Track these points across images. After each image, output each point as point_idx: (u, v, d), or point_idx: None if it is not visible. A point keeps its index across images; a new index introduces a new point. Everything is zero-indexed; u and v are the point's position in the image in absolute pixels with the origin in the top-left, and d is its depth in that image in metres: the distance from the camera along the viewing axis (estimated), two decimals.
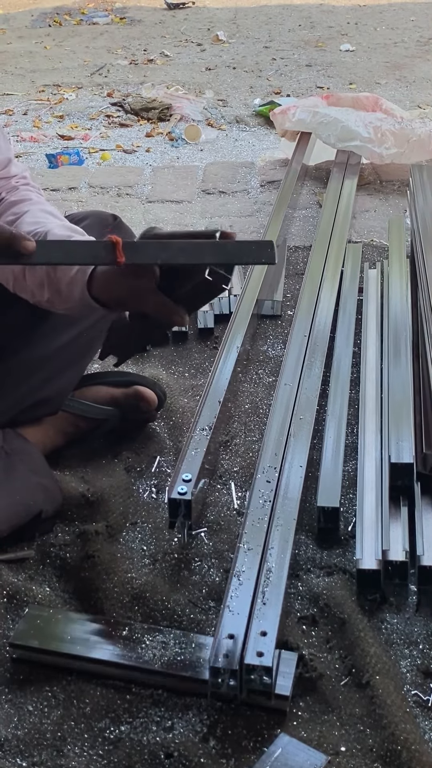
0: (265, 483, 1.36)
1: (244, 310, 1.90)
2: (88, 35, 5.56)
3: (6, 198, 1.34)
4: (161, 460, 1.53)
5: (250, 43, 5.19)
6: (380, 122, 2.92)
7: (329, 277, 2.06)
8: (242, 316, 1.87)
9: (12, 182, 1.36)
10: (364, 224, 2.59)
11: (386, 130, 2.89)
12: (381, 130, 2.88)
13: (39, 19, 6.15)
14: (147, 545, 1.34)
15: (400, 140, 2.87)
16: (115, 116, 3.79)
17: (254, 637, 1.06)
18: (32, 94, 4.18)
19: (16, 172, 1.38)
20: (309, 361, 1.71)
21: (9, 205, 1.32)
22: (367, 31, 5.42)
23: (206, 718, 1.05)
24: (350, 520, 1.36)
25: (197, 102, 3.88)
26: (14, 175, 1.37)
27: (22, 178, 1.38)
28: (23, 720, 1.06)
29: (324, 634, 1.16)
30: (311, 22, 5.73)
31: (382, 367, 1.67)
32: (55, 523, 1.36)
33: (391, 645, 1.15)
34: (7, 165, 1.37)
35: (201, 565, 1.30)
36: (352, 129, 2.87)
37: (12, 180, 1.37)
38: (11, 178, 1.37)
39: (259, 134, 3.53)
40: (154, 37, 5.44)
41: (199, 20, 5.92)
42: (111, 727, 1.04)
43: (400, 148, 2.86)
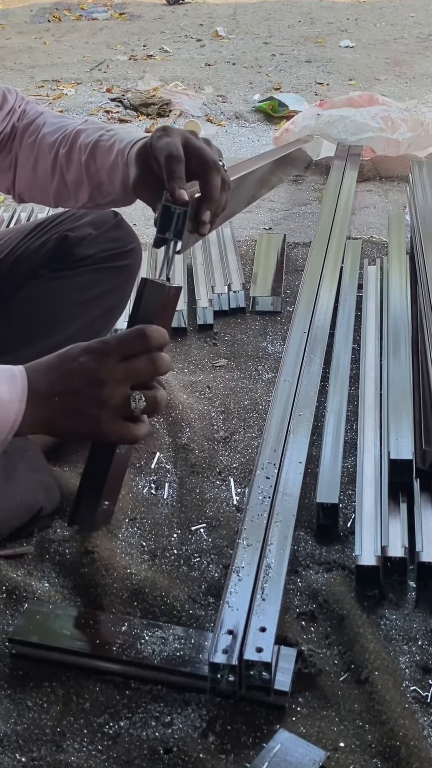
0: (264, 479, 1.36)
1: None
2: (88, 31, 5.55)
3: (18, 125, 1.34)
4: (160, 456, 1.53)
5: (249, 39, 5.19)
6: (386, 112, 2.93)
7: (329, 273, 2.06)
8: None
9: (16, 109, 1.36)
10: (364, 220, 2.59)
11: (396, 117, 2.89)
12: (390, 118, 2.89)
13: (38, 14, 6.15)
14: (146, 541, 1.34)
15: (413, 125, 2.88)
16: (115, 112, 3.79)
17: (253, 633, 1.06)
18: (31, 89, 4.18)
19: (13, 98, 1.37)
20: (308, 358, 1.71)
21: (25, 127, 1.33)
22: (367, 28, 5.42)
23: (205, 713, 1.05)
24: (349, 517, 1.37)
25: (197, 98, 3.88)
26: (14, 103, 1.37)
27: (21, 100, 1.38)
28: (22, 715, 1.06)
29: (323, 630, 1.17)
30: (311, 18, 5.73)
31: (382, 364, 1.67)
32: (54, 519, 1.36)
33: (390, 641, 1.15)
34: (3, 100, 1.36)
35: (200, 561, 1.30)
36: (361, 122, 2.87)
37: (15, 107, 1.36)
38: (13, 106, 1.36)
39: (259, 130, 3.53)
40: (154, 33, 5.44)
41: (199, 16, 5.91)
42: (110, 722, 1.05)
43: (415, 132, 2.86)
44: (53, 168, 1.26)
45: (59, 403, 1.02)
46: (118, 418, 1.04)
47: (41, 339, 1.45)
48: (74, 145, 1.24)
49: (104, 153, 1.19)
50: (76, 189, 1.25)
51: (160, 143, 1.06)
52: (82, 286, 1.47)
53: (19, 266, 1.49)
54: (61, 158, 1.25)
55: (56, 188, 1.27)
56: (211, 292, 2.08)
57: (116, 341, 1.03)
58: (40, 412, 1.02)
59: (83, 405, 1.02)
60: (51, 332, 1.45)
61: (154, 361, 1.04)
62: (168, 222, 1.04)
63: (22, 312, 1.46)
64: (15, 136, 1.33)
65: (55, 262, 1.48)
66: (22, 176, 1.32)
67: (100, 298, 1.48)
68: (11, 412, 1.00)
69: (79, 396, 1.02)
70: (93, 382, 1.01)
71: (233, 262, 2.21)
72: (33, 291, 1.48)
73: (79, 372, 1.02)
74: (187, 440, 1.56)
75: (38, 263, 1.48)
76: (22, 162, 1.31)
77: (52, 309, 1.46)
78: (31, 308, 1.46)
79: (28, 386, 1.01)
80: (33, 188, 1.32)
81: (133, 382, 1.04)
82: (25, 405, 1.01)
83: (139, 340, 1.03)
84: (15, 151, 1.33)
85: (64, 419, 1.04)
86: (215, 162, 1.08)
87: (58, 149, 1.26)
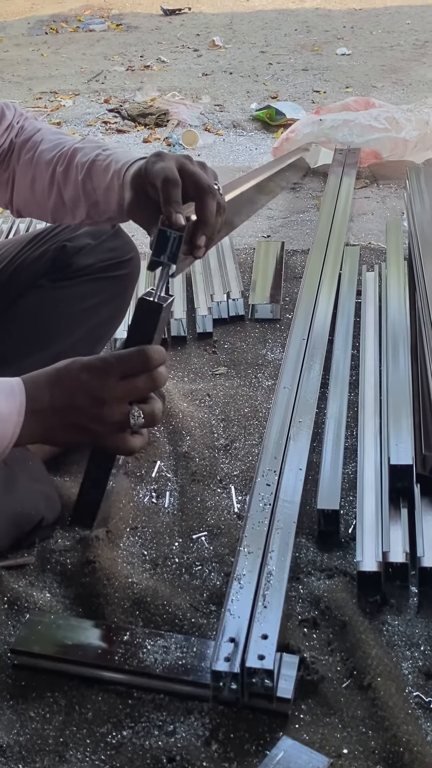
0: (265, 486, 1.36)
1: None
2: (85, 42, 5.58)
3: (16, 141, 1.34)
4: (161, 464, 1.53)
5: (246, 48, 5.21)
6: (388, 113, 2.94)
7: (327, 280, 2.06)
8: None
9: (14, 125, 1.36)
10: (362, 227, 2.59)
11: (400, 117, 2.90)
12: (394, 119, 2.90)
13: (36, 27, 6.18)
14: (148, 550, 1.34)
15: (418, 124, 2.89)
16: (113, 122, 3.80)
17: (255, 641, 1.06)
18: (29, 101, 4.19)
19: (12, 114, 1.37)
20: (308, 364, 1.71)
21: (22, 143, 1.33)
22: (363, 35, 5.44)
23: (208, 721, 1.05)
24: (350, 523, 1.37)
25: (194, 107, 3.89)
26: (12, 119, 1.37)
27: (20, 116, 1.38)
28: (25, 726, 1.06)
29: (325, 636, 1.16)
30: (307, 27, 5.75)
31: (381, 370, 1.67)
32: (55, 529, 1.36)
33: (393, 647, 1.15)
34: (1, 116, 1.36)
35: (202, 569, 1.30)
36: (365, 124, 2.88)
37: (14, 123, 1.36)
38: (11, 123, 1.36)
39: (256, 139, 3.54)
40: (151, 44, 5.46)
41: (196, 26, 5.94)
42: (113, 732, 1.04)
43: (422, 130, 2.87)
44: (51, 185, 1.27)
45: (58, 418, 1.03)
46: (117, 432, 1.05)
47: (41, 348, 1.45)
48: (71, 164, 1.24)
49: (100, 173, 1.19)
50: (74, 207, 1.25)
51: (155, 168, 1.07)
52: (81, 295, 1.48)
53: (18, 276, 1.49)
54: (59, 176, 1.25)
55: (54, 205, 1.28)
56: (210, 300, 2.08)
57: (118, 361, 1.05)
58: (38, 424, 1.03)
59: (83, 421, 1.04)
60: (51, 342, 1.46)
61: (153, 379, 1.06)
62: (163, 246, 1.05)
63: (21, 322, 1.46)
64: (13, 152, 1.34)
65: (54, 272, 1.49)
66: (20, 192, 1.33)
67: (100, 308, 1.48)
68: (9, 425, 1.00)
69: (79, 412, 1.03)
70: (94, 400, 1.03)
71: (232, 270, 2.22)
72: (32, 301, 1.48)
73: (80, 390, 1.03)
74: (187, 448, 1.56)
75: (37, 273, 1.48)
76: (19, 178, 1.32)
77: (52, 318, 1.47)
78: (31, 318, 1.47)
79: (27, 399, 1.02)
80: (31, 204, 1.33)
81: (132, 399, 1.05)
82: (24, 418, 1.01)
83: (140, 361, 1.05)
84: (13, 167, 1.33)
85: (62, 433, 1.05)
86: (210, 186, 1.08)
87: (56, 167, 1.26)
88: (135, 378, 1.04)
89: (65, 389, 1.03)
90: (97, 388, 1.03)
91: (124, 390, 1.04)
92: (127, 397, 1.04)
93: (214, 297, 2.09)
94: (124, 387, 1.04)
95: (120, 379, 1.03)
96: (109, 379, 1.03)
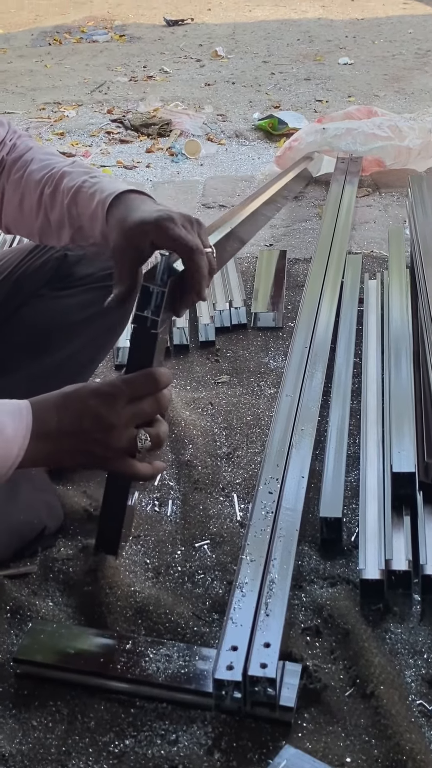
0: (267, 494, 1.36)
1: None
2: (88, 53, 5.60)
3: (7, 159, 1.34)
4: (163, 472, 1.53)
5: (248, 58, 5.23)
6: (391, 122, 2.95)
7: (329, 288, 2.07)
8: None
9: (6, 142, 1.35)
10: (364, 235, 2.60)
11: (402, 126, 2.91)
12: (397, 127, 2.91)
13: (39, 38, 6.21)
14: (150, 558, 1.34)
15: (421, 132, 2.90)
16: (116, 133, 3.81)
17: (258, 649, 1.06)
18: (33, 112, 4.21)
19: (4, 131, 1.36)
20: (310, 372, 1.71)
21: (13, 162, 1.32)
22: (366, 45, 5.46)
23: (211, 730, 1.05)
24: (353, 531, 1.36)
25: (197, 117, 3.91)
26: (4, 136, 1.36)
27: (13, 133, 1.37)
28: (27, 735, 1.05)
29: (328, 644, 1.16)
30: (309, 37, 5.77)
31: (383, 377, 1.67)
32: (58, 538, 1.36)
33: (396, 655, 1.14)
34: None
35: (204, 577, 1.29)
36: (369, 133, 2.89)
37: (6, 140, 1.35)
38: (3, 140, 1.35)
39: (259, 148, 3.55)
40: (154, 54, 5.48)
41: (198, 36, 5.96)
42: (115, 740, 1.04)
43: (425, 138, 2.88)
44: (38, 206, 1.26)
45: (65, 442, 1.04)
46: (124, 456, 1.07)
47: (43, 357, 1.46)
48: (59, 187, 1.24)
49: (85, 200, 1.19)
50: (59, 229, 1.25)
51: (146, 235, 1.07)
52: (83, 304, 1.48)
53: (20, 286, 1.50)
54: (46, 198, 1.25)
55: (40, 226, 1.28)
56: (213, 308, 2.09)
57: (126, 385, 1.06)
58: (44, 448, 1.03)
59: (90, 446, 1.05)
60: (53, 350, 1.46)
61: (159, 401, 1.07)
62: (147, 301, 1.07)
63: (24, 331, 1.47)
64: (3, 169, 1.33)
65: (55, 282, 1.49)
66: (8, 210, 1.33)
67: (101, 316, 1.48)
68: (14, 447, 1.01)
69: (87, 438, 1.04)
70: (102, 426, 1.04)
71: (234, 279, 2.22)
72: (34, 310, 1.49)
73: (89, 415, 1.04)
74: (190, 457, 1.56)
75: (39, 283, 1.49)
76: (8, 196, 1.32)
77: (54, 327, 1.47)
78: (33, 327, 1.47)
79: (33, 422, 1.03)
80: (19, 223, 1.33)
81: (138, 423, 1.06)
82: (29, 441, 1.01)
83: (148, 383, 1.06)
84: (2, 184, 1.33)
85: (68, 457, 1.07)
86: (198, 248, 1.07)
87: (44, 188, 1.26)
88: (142, 401, 1.06)
89: (73, 413, 1.04)
90: (105, 413, 1.04)
91: (132, 414, 1.05)
92: (134, 421, 1.06)
93: (216, 306, 2.09)
94: (131, 411, 1.05)
95: (127, 403, 1.04)
96: (117, 403, 1.04)
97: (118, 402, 1.04)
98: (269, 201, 2.30)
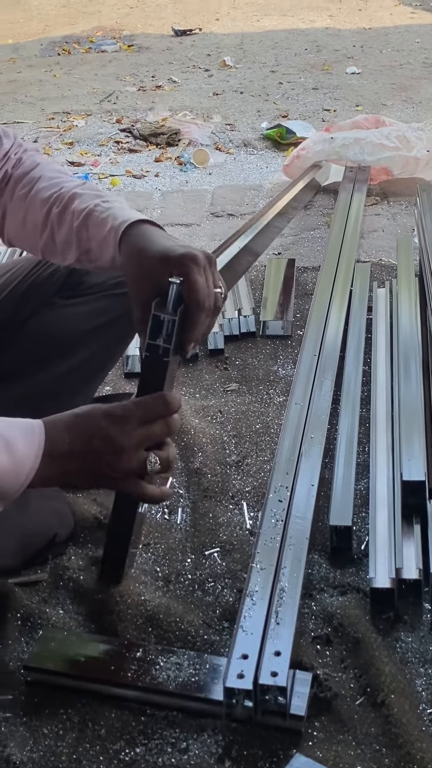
0: (277, 502, 1.36)
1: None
2: (97, 63, 5.63)
3: (12, 173, 1.33)
4: (173, 481, 1.54)
5: (257, 68, 5.24)
6: (398, 132, 2.96)
7: (338, 296, 2.07)
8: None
9: (11, 156, 1.35)
10: (373, 244, 2.60)
11: (410, 136, 2.92)
12: (405, 137, 2.92)
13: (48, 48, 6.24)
14: (160, 566, 1.34)
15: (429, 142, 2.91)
16: (125, 142, 3.83)
17: (268, 657, 1.06)
18: (42, 121, 4.23)
19: (9, 144, 1.35)
20: (319, 381, 1.71)
21: (19, 177, 1.32)
22: (373, 54, 5.47)
23: (221, 739, 1.04)
24: (363, 539, 1.36)
25: (205, 127, 3.92)
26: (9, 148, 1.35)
27: (18, 146, 1.36)
28: (38, 743, 1.06)
29: (338, 653, 1.16)
30: (317, 46, 5.79)
31: (393, 386, 1.67)
32: (68, 546, 1.36)
33: (406, 664, 1.14)
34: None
35: (215, 585, 1.29)
36: (377, 143, 2.90)
37: (11, 154, 1.35)
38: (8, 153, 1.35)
39: (267, 157, 3.56)
40: (162, 64, 5.50)
41: (207, 46, 5.98)
42: (126, 749, 1.04)
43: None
44: (44, 224, 1.26)
45: (76, 463, 1.04)
46: (133, 478, 1.08)
47: (54, 365, 1.46)
48: (68, 208, 1.23)
49: (97, 224, 1.18)
50: (65, 249, 1.25)
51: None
52: (94, 312, 1.48)
53: (30, 295, 1.50)
54: (53, 217, 1.24)
55: (44, 244, 1.27)
56: (222, 317, 2.09)
57: (137, 407, 1.07)
58: (54, 468, 1.04)
59: (100, 467, 1.05)
60: (63, 358, 1.47)
61: (169, 425, 1.08)
62: (158, 329, 1.08)
63: (35, 339, 1.47)
64: (7, 183, 1.33)
65: (66, 290, 1.50)
66: (11, 225, 1.32)
67: (112, 325, 1.49)
68: (26, 466, 1.01)
69: (97, 459, 1.05)
70: (113, 447, 1.04)
71: (243, 288, 2.23)
72: (45, 319, 1.49)
73: (100, 436, 1.04)
74: (199, 465, 1.56)
75: (50, 291, 1.49)
76: (12, 212, 1.32)
77: (65, 335, 1.48)
78: (44, 335, 1.48)
79: (45, 441, 1.03)
80: (21, 238, 1.32)
81: (148, 445, 1.07)
82: (40, 460, 1.02)
83: (160, 406, 1.08)
84: (5, 200, 1.32)
85: (78, 478, 1.07)
86: (209, 309, 1.09)
87: (51, 207, 1.25)
88: (152, 424, 1.07)
89: (84, 434, 1.05)
90: (116, 434, 1.05)
91: (143, 437, 1.06)
92: (144, 444, 1.07)
93: (225, 314, 2.10)
94: (142, 433, 1.06)
95: (138, 426, 1.05)
96: (129, 425, 1.05)
97: (129, 424, 1.05)
98: (281, 213, 2.31)
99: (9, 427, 1.02)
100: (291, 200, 2.47)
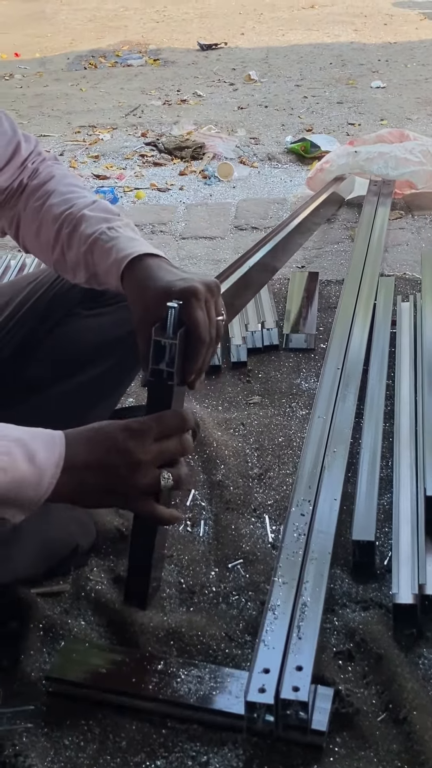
0: (299, 516, 1.36)
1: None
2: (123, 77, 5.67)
3: (28, 183, 1.33)
4: (195, 493, 1.54)
5: (281, 82, 5.26)
6: (423, 147, 2.96)
7: (362, 310, 2.07)
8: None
9: (29, 165, 1.35)
10: (397, 257, 2.60)
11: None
12: (429, 152, 2.92)
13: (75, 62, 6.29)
14: (184, 578, 1.34)
15: None
16: (149, 156, 3.85)
17: (290, 672, 1.06)
18: (68, 135, 4.27)
19: (28, 151, 1.35)
20: (342, 394, 1.71)
21: (34, 189, 1.32)
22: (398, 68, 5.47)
23: (242, 753, 1.04)
24: (386, 554, 1.35)
25: (230, 140, 3.93)
26: (27, 156, 1.35)
27: (36, 155, 1.36)
28: (59, 754, 1.06)
29: (360, 669, 1.15)
30: (342, 60, 5.80)
31: (417, 400, 1.67)
32: (90, 557, 1.37)
33: (429, 680, 1.13)
34: (15, 152, 1.34)
35: (239, 599, 1.29)
36: (401, 157, 2.90)
37: (28, 163, 1.35)
38: (26, 161, 1.35)
39: (291, 171, 3.57)
40: (187, 78, 5.53)
41: (232, 60, 6.01)
42: (147, 761, 1.04)
43: None
44: (55, 242, 1.27)
45: (90, 477, 1.05)
46: (146, 496, 1.08)
47: (77, 375, 1.47)
48: (77, 230, 1.24)
49: (101, 254, 1.19)
50: (75, 269, 1.26)
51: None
52: (117, 323, 1.49)
53: (54, 305, 1.51)
54: (64, 237, 1.25)
55: (56, 260, 1.28)
56: (245, 329, 2.10)
57: (155, 423, 1.08)
58: (71, 481, 1.04)
59: (115, 481, 1.06)
60: (86, 368, 1.48)
61: (183, 443, 1.10)
62: (160, 354, 1.09)
63: (58, 349, 1.48)
64: (23, 193, 1.33)
65: (88, 301, 1.50)
66: (27, 235, 1.33)
67: (133, 336, 1.50)
68: (46, 476, 1.02)
69: (112, 473, 1.05)
70: (129, 462, 1.05)
71: (266, 301, 2.23)
72: (69, 329, 1.50)
73: (116, 450, 1.05)
74: (221, 477, 1.56)
75: (73, 301, 1.50)
76: (26, 222, 1.32)
77: (88, 346, 1.48)
78: (68, 345, 1.49)
79: (66, 453, 1.03)
80: (35, 249, 1.33)
81: (162, 463, 1.08)
82: (60, 471, 1.02)
83: (175, 422, 1.09)
84: (19, 210, 1.33)
85: (92, 494, 1.07)
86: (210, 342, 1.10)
87: (62, 226, 1.26)
88: (168, 440, 1.08)
89: (102, 446, 1.05)
90: (133, 448, 1.05)
91: (158, 452, 1.07)
92: (159, 460, 1.08)
93: (248, 326, 2.10)
94: (158, 449, 1.07)
95: (155, 441, 1.06)
96: (145, 440, 1.06)
97: (146, 438, 1.06)
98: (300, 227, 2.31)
99: (32, 438, 1.03)
100: (309, 215, 2.47)
